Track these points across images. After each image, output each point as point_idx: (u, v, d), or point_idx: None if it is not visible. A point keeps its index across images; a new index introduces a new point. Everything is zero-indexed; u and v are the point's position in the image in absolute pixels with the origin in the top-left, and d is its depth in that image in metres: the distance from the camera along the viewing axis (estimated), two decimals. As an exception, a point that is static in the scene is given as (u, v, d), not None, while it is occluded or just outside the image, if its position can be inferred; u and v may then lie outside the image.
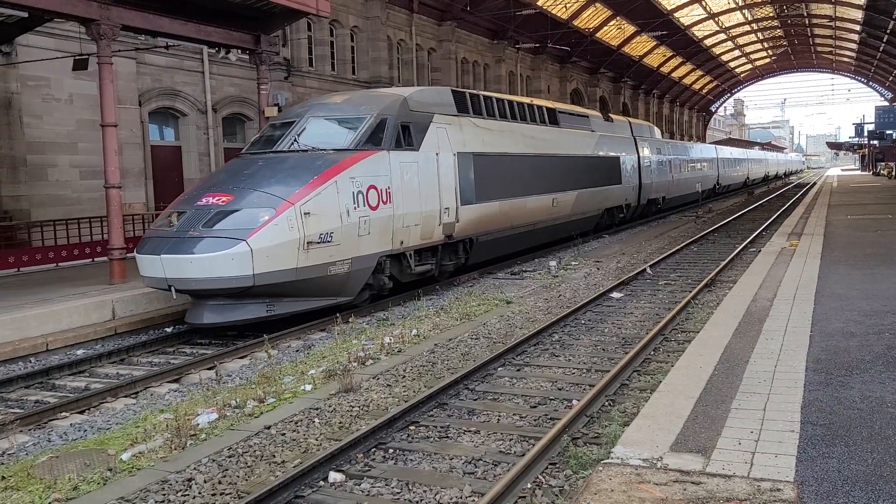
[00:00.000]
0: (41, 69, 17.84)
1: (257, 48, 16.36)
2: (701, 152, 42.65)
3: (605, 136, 25.11)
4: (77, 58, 15.48)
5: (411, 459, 6.26)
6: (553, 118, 21.16)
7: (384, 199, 12.58)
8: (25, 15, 13.71)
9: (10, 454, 6.90)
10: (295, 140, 12.63)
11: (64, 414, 8.01)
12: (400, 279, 13.75)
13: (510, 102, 18.80)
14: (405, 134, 13.53)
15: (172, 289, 10.69)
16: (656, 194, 31.06)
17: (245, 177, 11.70)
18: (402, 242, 13.23)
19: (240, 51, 17.12)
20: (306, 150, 12.35)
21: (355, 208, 11.92)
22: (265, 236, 10.50)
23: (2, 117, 17.49)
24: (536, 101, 21.01)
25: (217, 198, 11.08)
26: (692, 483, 4.21)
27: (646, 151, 29.52)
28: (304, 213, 10.97)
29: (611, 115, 27.87)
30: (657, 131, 33.99)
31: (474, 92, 17.38)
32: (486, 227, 16.30)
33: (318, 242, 11.22)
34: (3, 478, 6.16)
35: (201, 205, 11.02)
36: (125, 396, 8.63)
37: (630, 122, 29.74)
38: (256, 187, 11.25)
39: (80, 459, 6.43)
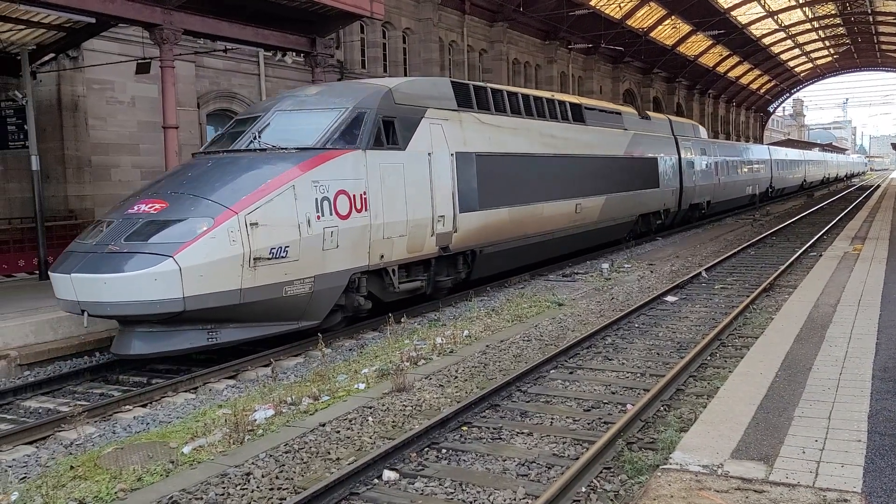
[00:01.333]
0: (105, 73, 18.42)
1: (312, 51, 16.60)
2: (752, 153, 39.96)
3: (640, 134, 22.90)
4: (140, 61, 15.95)
5: (464, 460, 6.28)
6: (578, 115, 19.12)
7: (358, 207, 10.78)
8: (93, 21, 14.16)
9: (78, 445, 7.15)
10: (255, 137, 10.91)
11: (128, 407, 8.26)
12: (382, 298, 11.90)
13: (525, 97, 16.76)
14: (388, 131, 11.72)
15: (85, 314, 9.01)
16: (700, 198, 28.88)
17: (188, 180, 10.03)
18: (382, 256, 11.39)
19: (295, 53, 17.39)
20: (265, 150, 10.65)
21: (319, 217, 10.14)
22: (198, 252, 8.82)
23: (68, 119, 18.11)
24: (558, 96, 18.91)
25: (150, 205, 9.46)
26: (755, 491, 4.12)
27: (688, 152, 27.41)
28: (250, 224, 9.27)
29: (648, 112, 25.70)
30: (702, 130, 31.78)
31: (480, 84, 15.43)
32: (493, 237, 14.44)
33: (269, 259, 9.48)
34: (72, 467, 6.39)
35: (131, 213, 9.42)
36: (185, 391, 8.85)
37: (670, 121, 27.48)
38: (197, 193, 9.58)
39: (143, 451, 6.62)
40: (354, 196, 10.79)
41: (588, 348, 9.89)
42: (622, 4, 40.75)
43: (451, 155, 13.16)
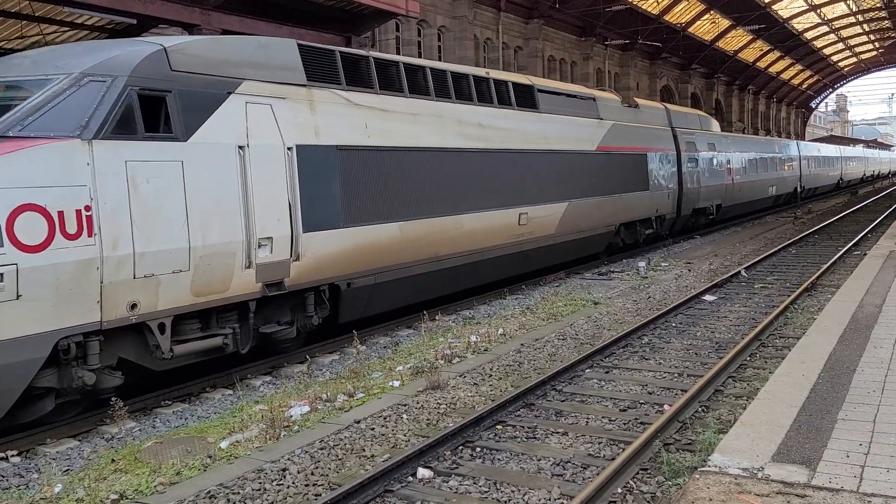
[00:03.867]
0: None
1: (348, 49, 16.69)
2: (777, 149, 35.22)
3: (622, 125, 18.75)
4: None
5: (499, 459, 6.26)
6: (526, 99, 14.91)
7: (71, 230, 7.01)
8: (134, 22, 14.44)
9: (119, 438, 7.29)
10: None
11: (167, 402, 8.39)
12: (152, 367, 8.19)
13: (438, 73, 12.49)
14: (154, 112, 7.99)
15: None
16: (706, 202, 24.58)
17: None
18: (135, 306, 7.57)
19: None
20: None
21: None
22: None
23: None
24: (497, 74, 14.76)
25: None
26: (796, 496, 4.03)
27: (690, 147, 23.24)
28: None
29: (637, 99, 21.40)
30: (713, 123, 27.65)
31: (352, 52, 11.15)
32: (373, 262, 10.54)
33: None
34: (114, 460, 6.52)
35: None
36: (223, 387, 8.97)
37: (668, 110, 23.04)
38: None
39: (181, 446, 6.72)
40: (62, 213, 6.95)
41: (624, 347, 9.79)
42: (659, 0, 40.25)
43: (289, 149, 9.25)
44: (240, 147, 8.71)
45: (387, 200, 10.84)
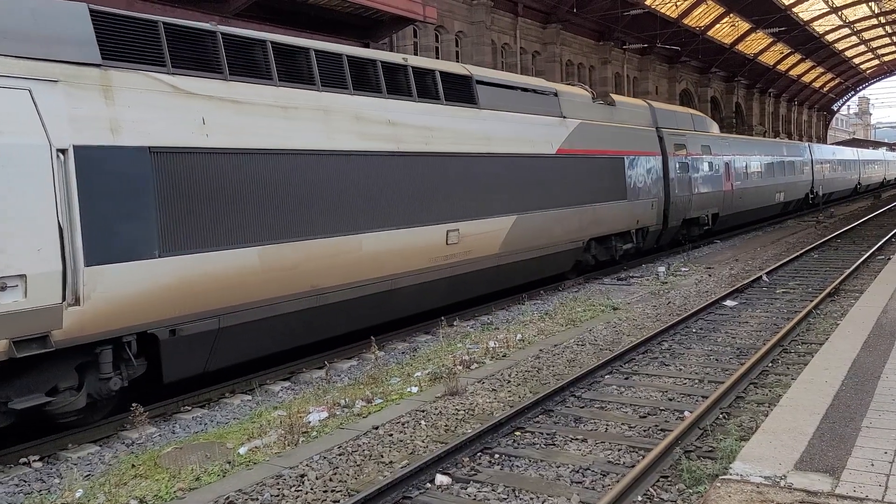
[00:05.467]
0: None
1: (366, 56, 16.74)
2: (785, 152, 32.56)
3: (591, 125, 16.29)
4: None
5: (517, 465, 6.22)
6: (462, 92, 12.46)
7: None
8: (154, 30, 14.58)
9: (139, 444, 7.34)
10: None
11: (187, 407, 8.44)
12: None
13: (325, 56, 10.02)
14: None
15: None
16: (700, 211, 22.03)
17: None
18: None
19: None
20: None
21: None
22: None
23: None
24: (417, 61, 11.90)
25: None
26: (820, 505, 3.97)
27: (679, 150, 20.66)
28: None
29: (615, 96, 18.92)
30: (710, 123, 25.10)
31: (185, 24, 8.58)
32: (213, 301, 8.20)
33: None
34: (134, 466, 6.57)
35: None
36: (242, 392, 9.01)
37: (652, 108, 20.37)
38: None
39: (201, 451, 6.76)
40: None
41: (644, 353, 9.71)
42: (678, 3, 40.05)
43: (60, 152, 6.90)
44: None
45: (238, 219, 8.38)
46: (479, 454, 6.45)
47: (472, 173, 12.17)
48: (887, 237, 21.50)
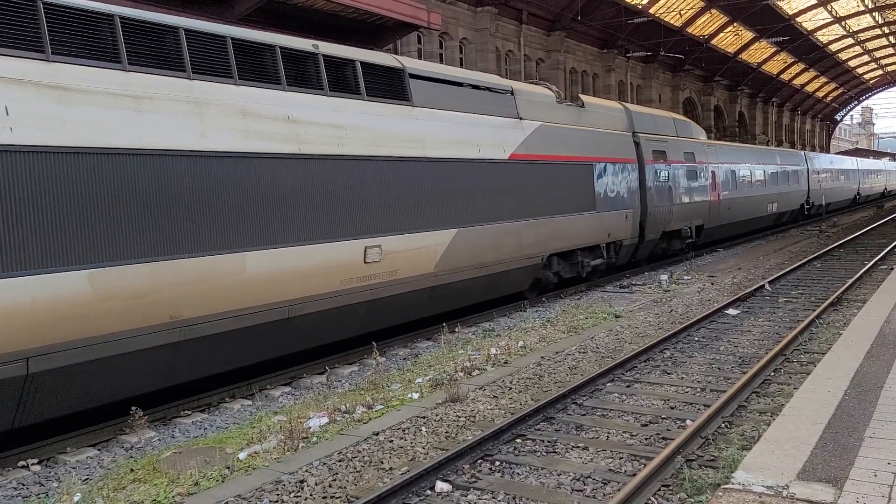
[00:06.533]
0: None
1: (370, 62, 16.75)
2: (779, 160, 31.27)
3: (553, 127, 14.64)
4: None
5: (518, 473, 6.19)
6: (391, 87, 10.93)
7: None
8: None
9: (138, 448, 7.32)
10: None
11: (186, 412, 8.42)
12: None
13: (198, 37, 8.44)
14: None
15: None
16: (682, 223, 20.51)
17: None
18: None
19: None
20: None
21: None
22: None
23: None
24: (332, 49, 10.31)
25: None
26: (823, 515, 3.94)
27: (658, 157, 19.15)
28: None
29: (585, 97, 17.46)
30: (695, 129, 23.38)
31: None
32: (19, 341, 6.55)
33: None
34: (132, 470, 6.54)
35: None
36: (242, 397, 8.98)
37: (628, 111, 18.68)
38: None
39: (200, 456, 6.73)
40: None
41: (646, 361, 9.68)
42: (682, 12, 40.11)
43: None
44: None
45: (62, 235, 6.76)
46: (479, 461, 6.42)
47: (401, 180, 10.56)
48: (890, 247, 21.46)
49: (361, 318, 10.23)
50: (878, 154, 77.13)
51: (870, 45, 63.76)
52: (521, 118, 13.71)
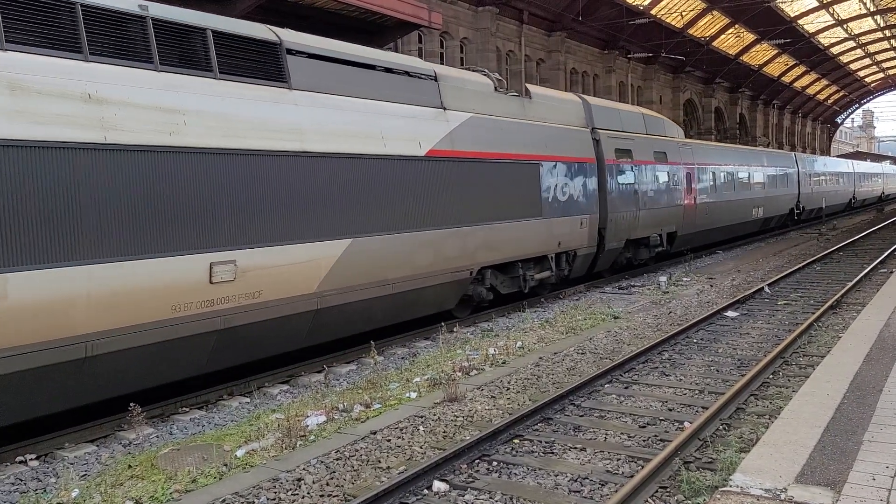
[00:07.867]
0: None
1: (371, 60, 16.73)
2: (766, 162, 29.11)
3: (488, 120, 12.69)
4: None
5: (515, 473, 6.19)
6: (260, 64, 8.97)
7: None
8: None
9: (136, 444, 7.31)
10: None
11: (185, 409, 8.41)
12: None
13: None
14: None
15: None
16: (649, 230, 18.47)
17: None
18: None
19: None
20: None
21: None
22: None
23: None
24: (168, 11, 8.07)
25: None
26: (821, 519, 3.94)
27: (622, 156, 17.15)
28: None
29: (531, 86, 15.47)
30: (669, 126, 21.15)
31: None
32: None
33: None
34: (130, 466, 6.54)
35: None
36: (241, 395, 8.98)
37: (587, 104, 16.59)
38: None
39: (198, 453, 6.72)
40: None
41: (644, 363, 9.67)
42: (684, 13, 40.10)
43: None
44: None
45: None
46: (477, 461, 6.42)
47: (268, 180, 8.54)
48: (890, 251, 21.46)
49: (210, 353, 8.19)
50: (876, 157, 77.09)
51: (871, 49, 63.78)
52: (445, 108, 11.73)
